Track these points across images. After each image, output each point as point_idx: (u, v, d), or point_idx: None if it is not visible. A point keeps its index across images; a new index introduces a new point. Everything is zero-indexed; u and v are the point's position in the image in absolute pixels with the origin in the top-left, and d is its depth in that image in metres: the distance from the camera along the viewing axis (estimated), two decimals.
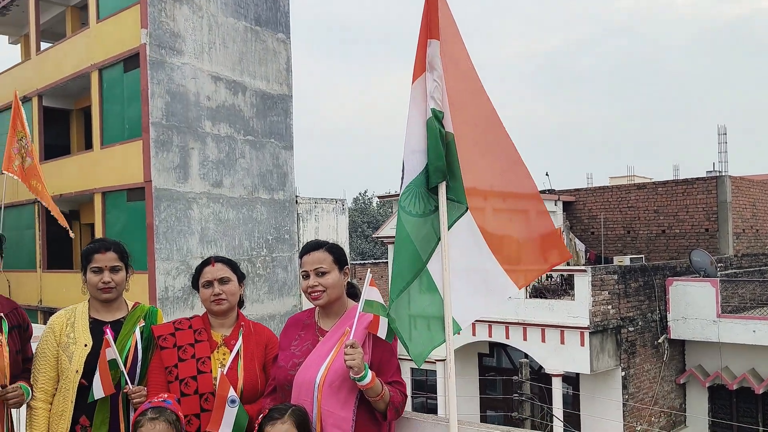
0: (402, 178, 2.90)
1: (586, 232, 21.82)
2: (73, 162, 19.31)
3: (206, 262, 3.18)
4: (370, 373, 2.61)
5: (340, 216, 23.06)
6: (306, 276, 2.87)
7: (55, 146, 20.43)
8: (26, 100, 19.80)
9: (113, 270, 3.11)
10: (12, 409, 2.95)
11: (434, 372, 17.65)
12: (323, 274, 2.84)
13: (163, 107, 16.74)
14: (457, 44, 2.97)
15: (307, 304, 2.97)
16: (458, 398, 3.10)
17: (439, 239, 2.88)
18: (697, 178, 19.82)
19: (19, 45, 24.06)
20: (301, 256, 2.93)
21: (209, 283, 3.09)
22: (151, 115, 16.42)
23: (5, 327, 2.94)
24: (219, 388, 2.81)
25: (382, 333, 2.81)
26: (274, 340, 3.22)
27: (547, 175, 24.55)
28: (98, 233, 18.17)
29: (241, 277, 3.19)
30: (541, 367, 15.12)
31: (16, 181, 10.91)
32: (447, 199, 2.87)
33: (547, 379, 15.01)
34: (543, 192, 22.86)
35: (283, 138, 20.26)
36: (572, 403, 15.52)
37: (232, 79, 18.58)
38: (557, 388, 14.65)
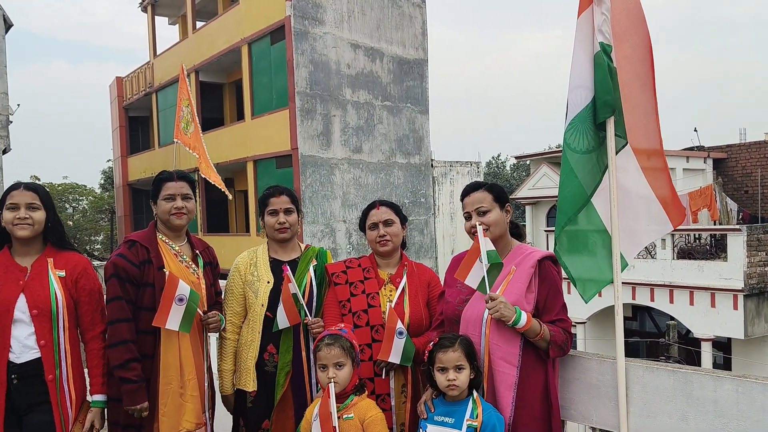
0: (566, 114, 2.84)
1: (739, 191, 20.22)
2: (227, 133, 20.50)
3: (372, 206, 3.30)
4: (523, 317, 2.62)
5: (475, 178, 22.84)
6: (468, 217, 2.89)
7: (211, 119, 21.75)
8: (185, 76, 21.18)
9: (287, 212, 3.30)
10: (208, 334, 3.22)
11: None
12: (485, 212, 2.84)
13: (307, 77, 17.29)
14: None
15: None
16: None
17: (603, 174, 2.82)
18: None
19: (177, 25, 25.75)
20: (462, 199, 2.95)
21: (375, 225, 3.20)
22: (296, 85, 17.03)
23: (201, 263, 3.21)
24: (388, 321, 2.95)
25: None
26: (435, 279, 3.31)
27: (695, 130, 22.87)
28: (251, 199, 19.26)
29: (403, 220, 3.28)
30: (688, 331, 14.34)
31: (177, 152, 11.74)
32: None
33: (694, 343, 14.22)
34: (691, 149, 21.39)
35: (419, 102, 20.30)
36: (723, 369, 14.62)
37: (370, 46, 18.81)
38: (707, 352, 13.85)
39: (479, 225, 2.76)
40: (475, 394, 2.66)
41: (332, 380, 2.66)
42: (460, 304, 2.86)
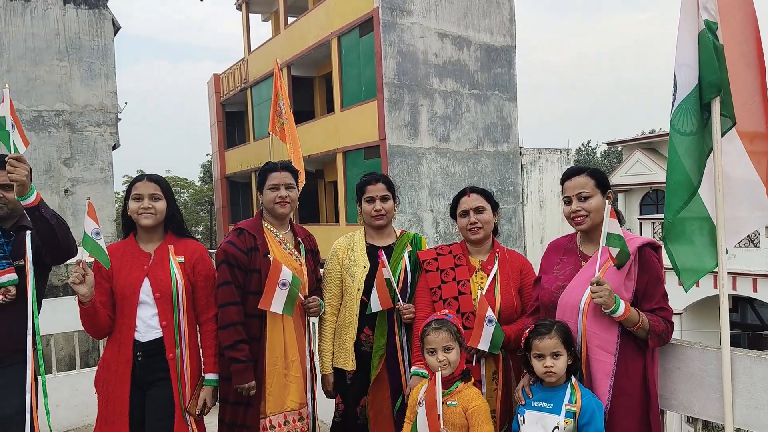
0: (674, 94, 2.74)
1: None
2: (317, 125, 20.91)
3: (463, 193, 3.29)
4: (622, 306, 2.55)
5: (564, 166, 22.22)
6: (568, 201, 2.83)
7: (302, 112, 22.23)
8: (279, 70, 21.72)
9: (383, 199, 3.36)
10: (310, 318, 3.36)
11: None
12: (586, 198, 2.77)
13: (395, 67, 17.37)
14: None
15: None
16: None
17: (708, 157, 2.72)
18: None
19: (269, 22, 26.44)
20: (562, 182, 2.89)
21: (466, 213, 3.21)
22: (384, 76, 17.14)
23: (303, 250, 3.34)
24: (478, 308, 2.94)
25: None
26: (528, 266, 3.27)
27: None
28: (340, 190, 19.59)
29: (495, 207, 3.27)
30: None
31: (272, 145, 12.08)
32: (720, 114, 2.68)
33: None
34: None
35: (506, 90, 19.99)
36: None
37: (457, 35, 18.67)
38: None
39: (608, 204, 2.67)
40: (573, 379, 2.63)
41: (442, 363, 2.69)
42: (556, 291, 2.83)
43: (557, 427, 2.54)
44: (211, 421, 3.29)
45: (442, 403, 2.57)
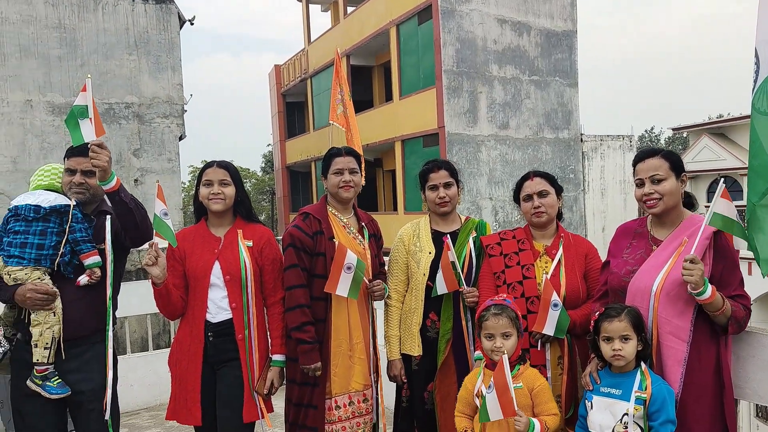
0: (756, 72, 2.58)
1: None
2: (375, 114, 20.95)
3: (526, 177, 3.25)
4: (709, 288, 2.45)
5: (627, 153, 21.62)
6: (640, 184, 2.74)
7: (360, 101, 22.30)
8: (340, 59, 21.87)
9: (446, 186, 3.34)
10: (374, 302, 3.38)
11: None
12: (659, 181, 2.68)
13: (454, 55, 17.23)
14: None
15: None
16: None
17: None
18: None
19: (329, 12, 26.60)
20: (634, 164, 2.80)
21: (529, 197, 3.16)
22: (443, 64, 17.03)
23: (366, 234, 3.36)
24: (543, 293, 2.90)
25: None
26: (593, 251, 3.20)
27: None
28: (398, 179, 19.61)
29: (559, 191, 3.21)
30: None
31: (332, 134, 12.16)
32: None
33: None
34: None
35: (567, 75, 19.55)
36: None
37: (517, 20, 18.34)
38: None
39: (722, 182, 2.59)
40: (643, 365, 2.56)
41: (498, 350, 2.67)
42: (626, 275, 2.75)
43: (626, 414, 2.48)
44: (277, 402, 3.35)
45: None
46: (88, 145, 2.71)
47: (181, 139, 18.43)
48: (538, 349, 3.00)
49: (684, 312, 2.56)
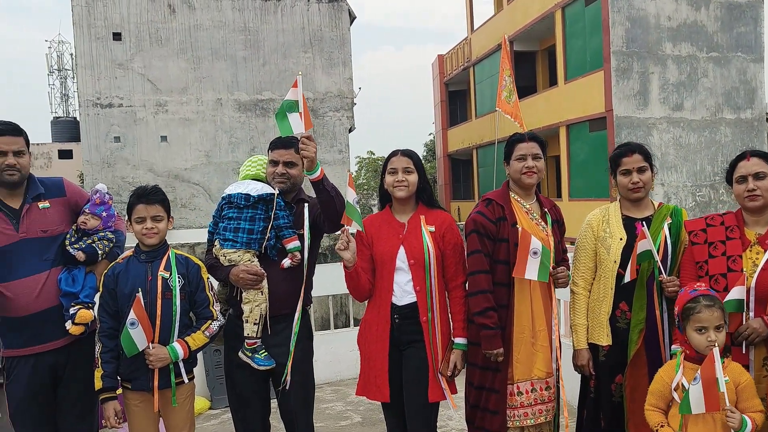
0: None
1: None
2: (539, 99, 20.35)
3: (741, 157, 2.95)
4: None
5: None
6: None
7: (524, 87, 21.76)
8: (500, 47, 21.57)
9: (640, 171, 3.11)
10: (556, 291, 3.26)
11: None
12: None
13: (623, 35, 16.24)
14: None
15: None
16: None
17: None
18: None
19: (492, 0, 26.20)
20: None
21: (744, 178, 2.87)
22: (612, 45, 16.13)
23: (549, 220, 3.24)
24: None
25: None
26: None
27: None
28: (562, 165, 18.91)
29: None
30: None
31: (498, 121, 11.99)
32: None
33: None
34: None
35: (751, 50, 17.65)
36: None
37: None
38: None
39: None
40: None
41: (712, 344, 2.48)
42: None
43: None
44: (458, 386, 3.34)
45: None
46: (291, 138, 2.86)
47: (350, 131, 19.10)
48: (743, 351, 2.73)
49: None
